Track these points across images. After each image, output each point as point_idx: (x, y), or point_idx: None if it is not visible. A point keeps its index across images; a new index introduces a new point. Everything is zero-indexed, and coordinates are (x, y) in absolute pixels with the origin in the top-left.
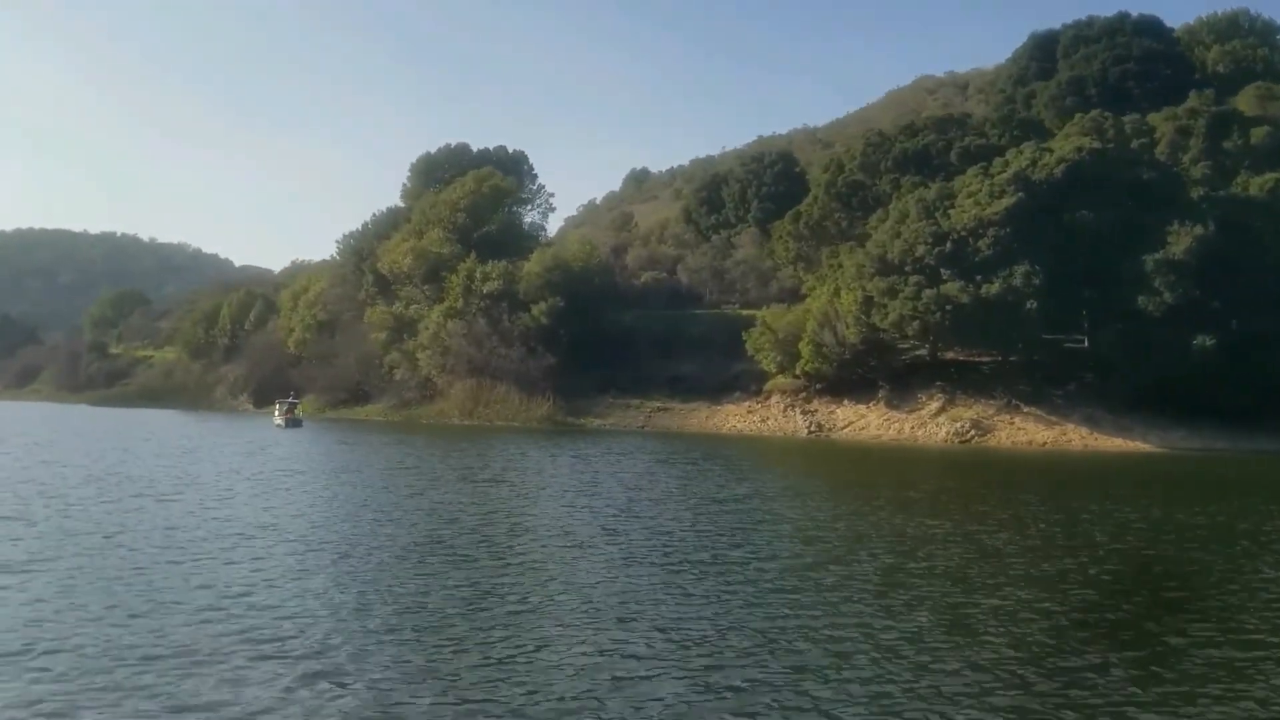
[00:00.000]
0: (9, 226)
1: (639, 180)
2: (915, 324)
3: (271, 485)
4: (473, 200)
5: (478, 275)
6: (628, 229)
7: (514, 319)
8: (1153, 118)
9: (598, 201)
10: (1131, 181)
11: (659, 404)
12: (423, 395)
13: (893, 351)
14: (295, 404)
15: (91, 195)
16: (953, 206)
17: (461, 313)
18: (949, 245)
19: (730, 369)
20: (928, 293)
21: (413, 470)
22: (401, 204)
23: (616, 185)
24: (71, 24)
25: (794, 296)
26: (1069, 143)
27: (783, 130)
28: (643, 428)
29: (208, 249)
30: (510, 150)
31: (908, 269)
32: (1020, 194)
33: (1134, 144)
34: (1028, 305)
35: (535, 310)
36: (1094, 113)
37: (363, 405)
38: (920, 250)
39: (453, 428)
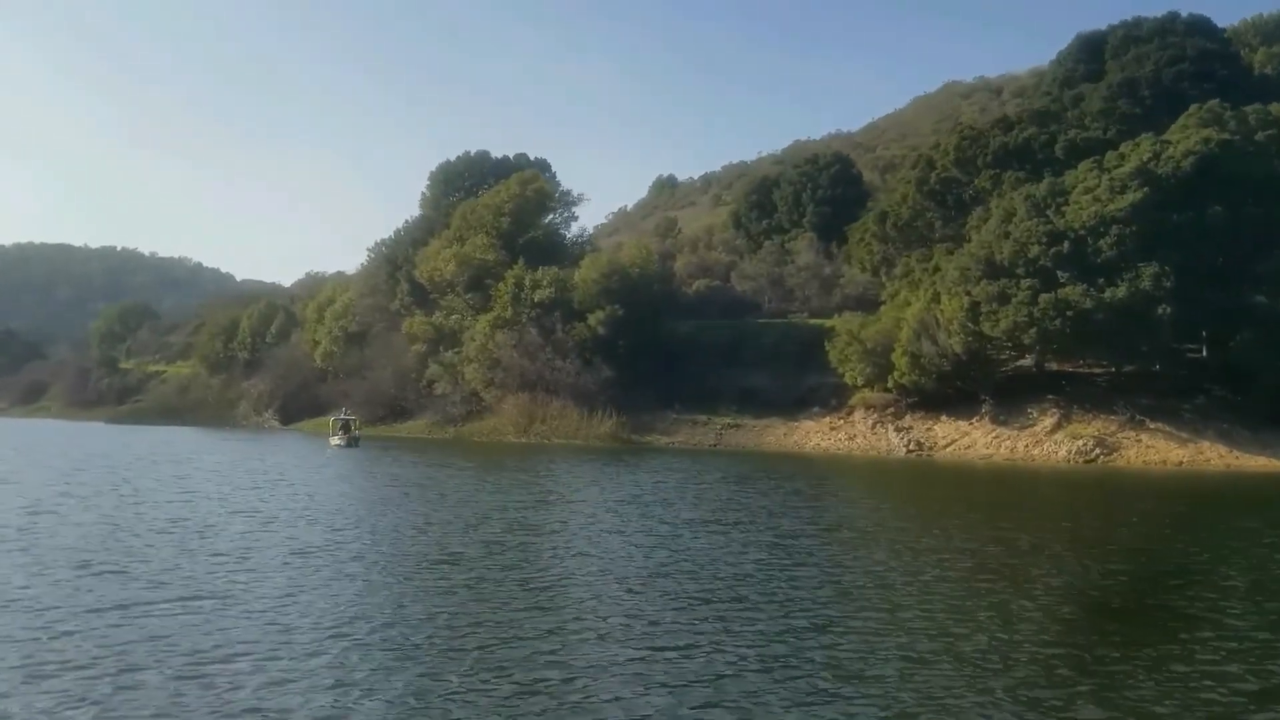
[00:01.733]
0: (8, 241)
1: (666, 187)
2: (1032, 331)
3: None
4: (517, 204)
5: (527, 283)
6: (672, 235)
7: (568, 329)
8: (1276, 108)
9: (629, 208)
10: (1264, 175)
11: (729, 420)
12: (468, 411)
13: (994, 362)
14: (352, 421)
15: (90, 209)
16: (1066, 204)
17: (510, 323)
18: (1066, 245)
19: (804, 382)
20: (1044, 297)
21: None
22: (420, 212)
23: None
24: (71, 37)
25: (862, 304)
26: (1192, 134)
27: (817, 135)
28: (714, 446)
29: (208, 263)
30: (532, 158)
31: (1019, 271)
32: (1145, 189)
33: (1259, 136)
34: (1159, 310)
35: (592, 319)
36: (1212, 103)
37: (402, 422)
38: (1034, 251)
39: (511, 447)
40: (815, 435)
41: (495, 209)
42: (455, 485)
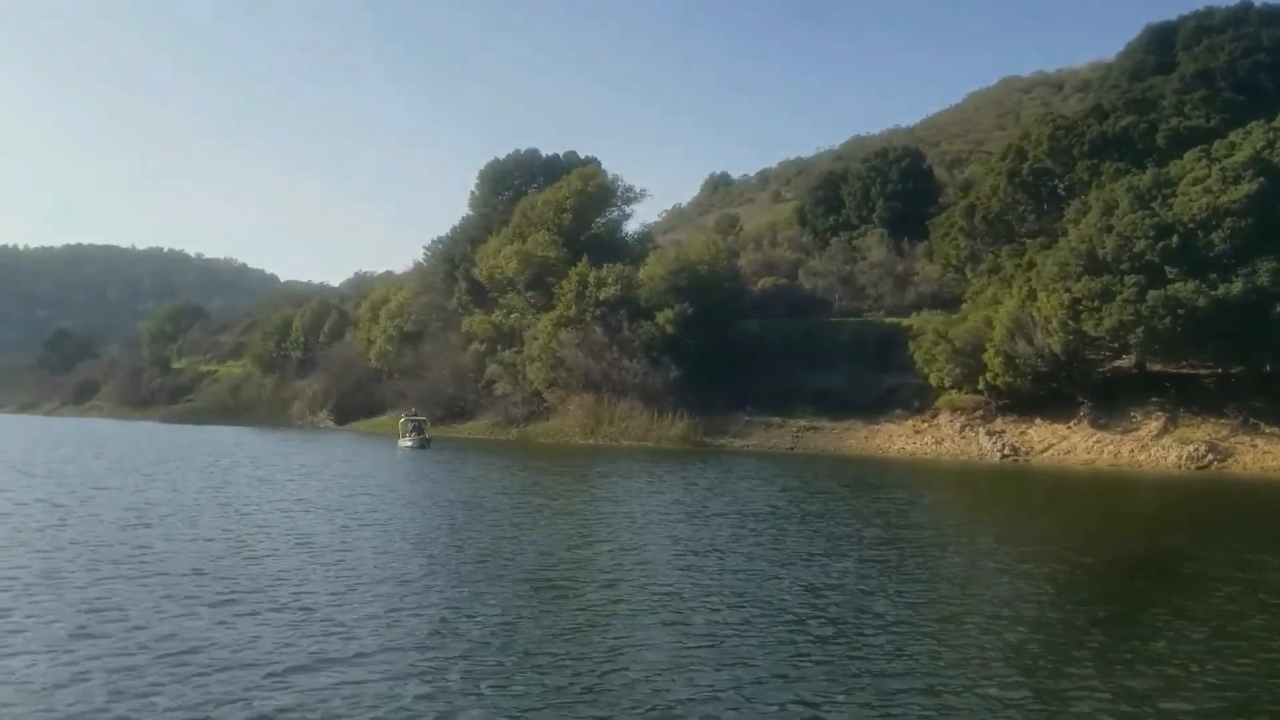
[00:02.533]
0: (58, 242)
1: (720, 185)
2: (1139, 330)
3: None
4: (578, 200)
5: (591, 280)
6: (734, 232)
7: (634, 327)
8: None
9: (684, 206)
10: None
11: (805, 422)
12: (530, 412)
13: (1092, 363)
14: (424, 423)
15: (137, 210)
16: (1174, 195)
17: (574, 321)
18: (1175, 239)
19: (883, 383)
20: (1153, 294)
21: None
22: (470, 212)
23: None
24: (129, 37)
25: (937, 302)
26: None
27: (871, 131)
28: (791, 449)
29: (253, 264)
30: (582, 156)
31: (1123, 267)
32: (1260, 179)
33: None
34: (1278, 308)
35: (660, 318)
36: None
37: (461, 422)
38: (1139, 245)
39: (580, 449)
40: (899, 439)
41: (556, 205)
42: (570, 492)
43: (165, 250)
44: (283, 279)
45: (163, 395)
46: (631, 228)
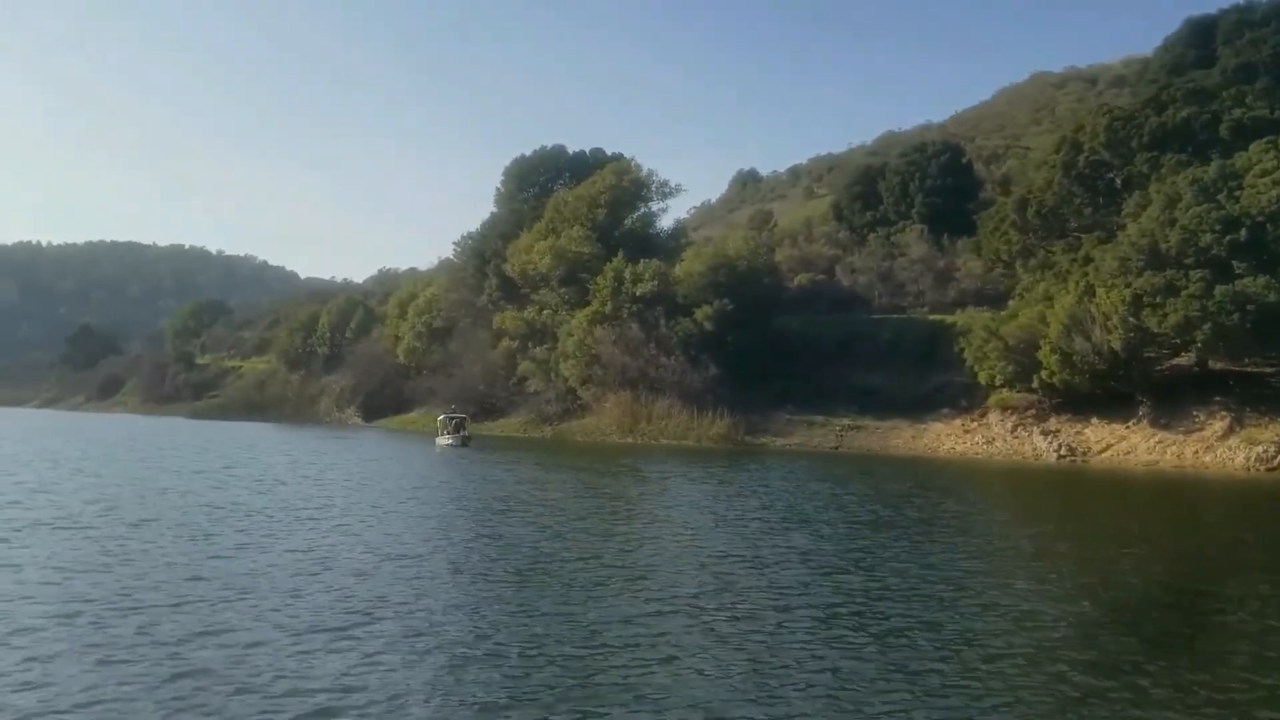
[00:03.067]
0: (80, 239)
1: (749, 181)
2: (1206, 327)
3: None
4: (612, 195)
5: (627, 276)
6: (768, 228)
7: (672, 324)
8: None
9: (713, 202)
10: None
11: (849, 421)
12: (564, 409)
13: (1150, 360)
14: (464, 420)
15: (160, 207)
16: (1240, 188)
17: (609, 318)
18: (1243, 233)
19: (928, 381)
20: (1220, 289)
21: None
22: (495, 209)
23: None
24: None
25: (980, 298)
26: None
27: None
28: (836, 449)
29: (273, 261)
30: (609, 152)
31: (1188, 261)
32: None
33: None
34: None
35: (699, 314)
36: None
37: (493, 420)
38: (1205, 239)
39: (620, 448)
40: (948, 438)
41: (590, 200)
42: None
43: (186, 247)
44: (303, 276)
45: (187, 391)
46: (663, 224)
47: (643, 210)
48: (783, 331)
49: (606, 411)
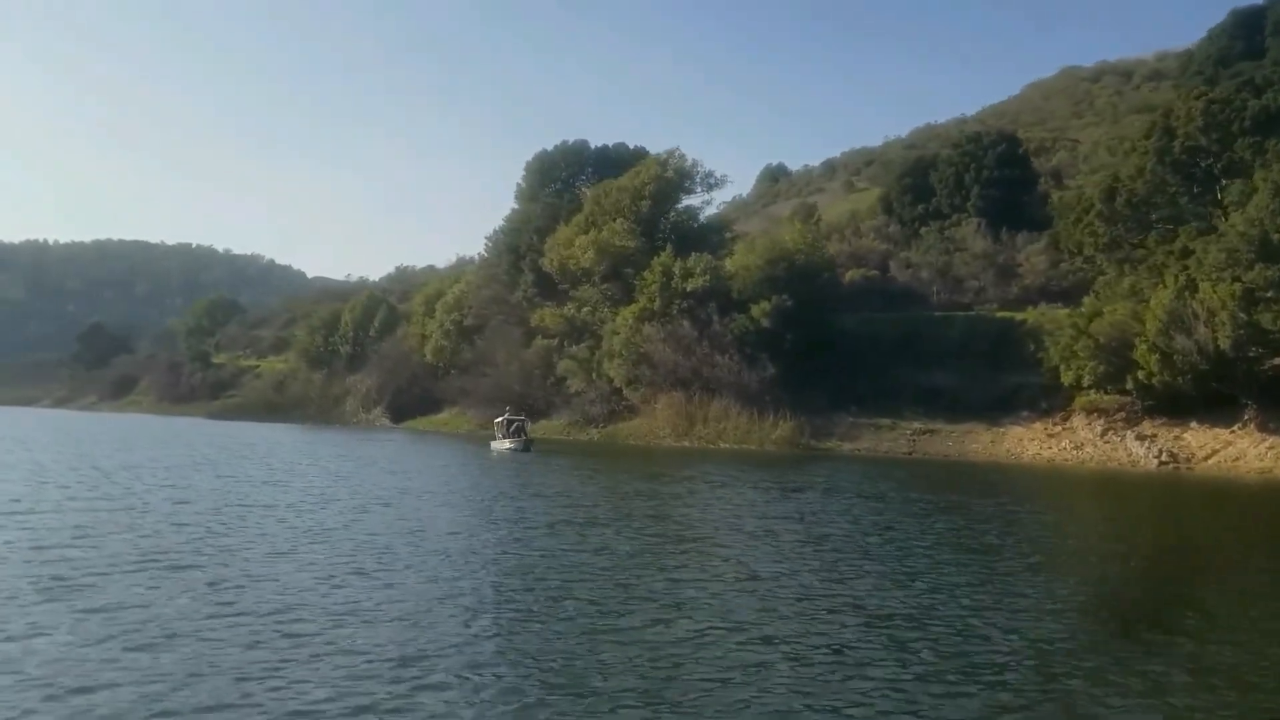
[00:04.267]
0: (88, 238)
1: (777, 176)
2: None
3: None
4: (657, 186)
5: (677, 271)
6: (812, 222)
7: (726, 321)
8: None
9: (744, 196)
10: None
11: (920, 424)
12: (610, 410)
13: (1254, 359)
14: (524, 423)
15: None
16: None
17: (658, 315)
18: None
19: (1000, 382)
20: None
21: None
22: (517, 204)
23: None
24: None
25: (1045, 294)
26: None
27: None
28: (909, 453)
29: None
30: (631, 147)
31: None
32: None
33: None
34: None
35: (755, 310)
36: None
37: (532, 421)
38: None
39: (678, 451)
40: (1030, 443)
41: (633, 192)
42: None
43: (194, 246)
44: (309, 275)
45: (203, 390)
46: (714, 214)
47: (685, 203)
48: (840, 329)
49: (657, 413)
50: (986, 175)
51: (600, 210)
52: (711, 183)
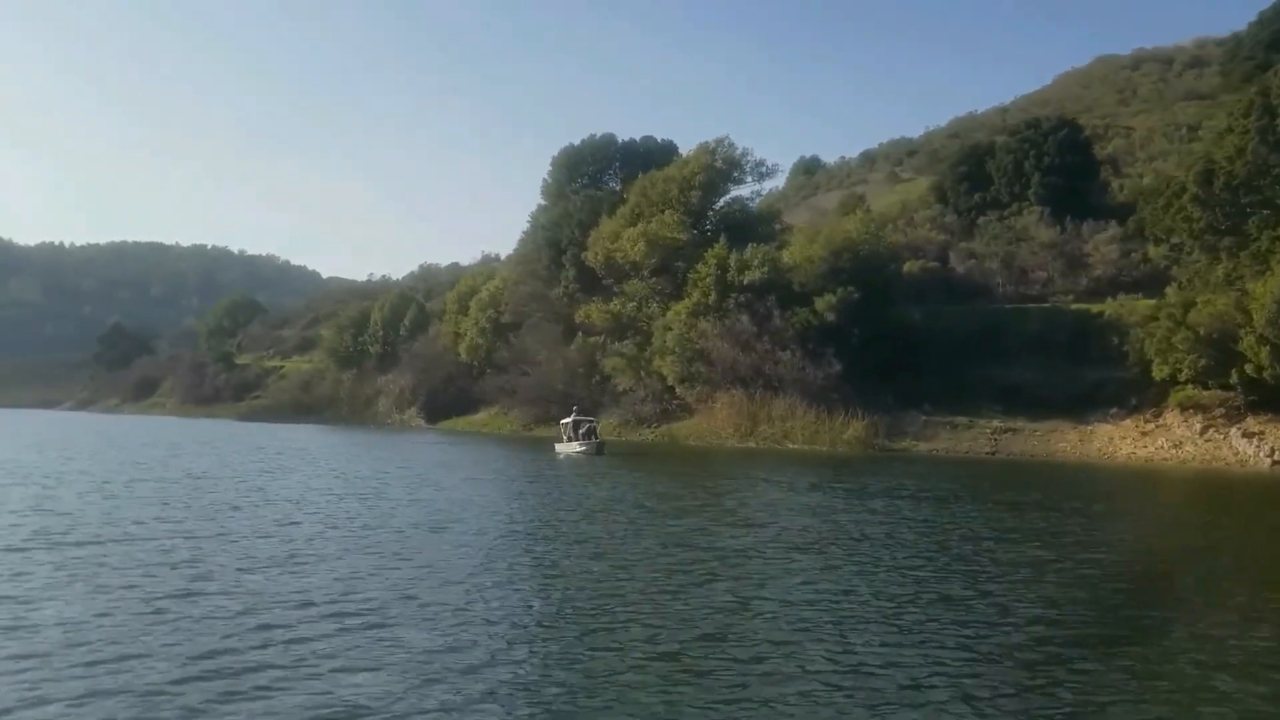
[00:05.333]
0: (103, 239)
1: (811, 168)
2: None
3: None
4: (707, 175)
5: (733, 263)
6: (862, 213)
7: (787, 316)
8: None
9: (780, 189)
10: None
11: (999, 423)
12: (662, 409)
13: None
14: (594, 425)
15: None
16: None
17: (713, 309)
18: None
19: (1082, 377)
20: None
21: None
22: (543, 200)
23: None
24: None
25: (1116, 285)
26: None
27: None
28: (992, 454)
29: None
30: (659, 140)
31: None
32: None
33: None
34: None
35: (820, 304)
36: None
37: None
38: None
39: (746, 453)
40: (1123, 442)
41: (682, 182)
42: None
43: (209, 247)
44: (324, 275)
45: (228, 392)
46: (754, 207)
47: (733, 193)
48: (904, 323)
49: (716, 412)
50: (1048, 162)
51: (647, 201)
52: (763, 172)
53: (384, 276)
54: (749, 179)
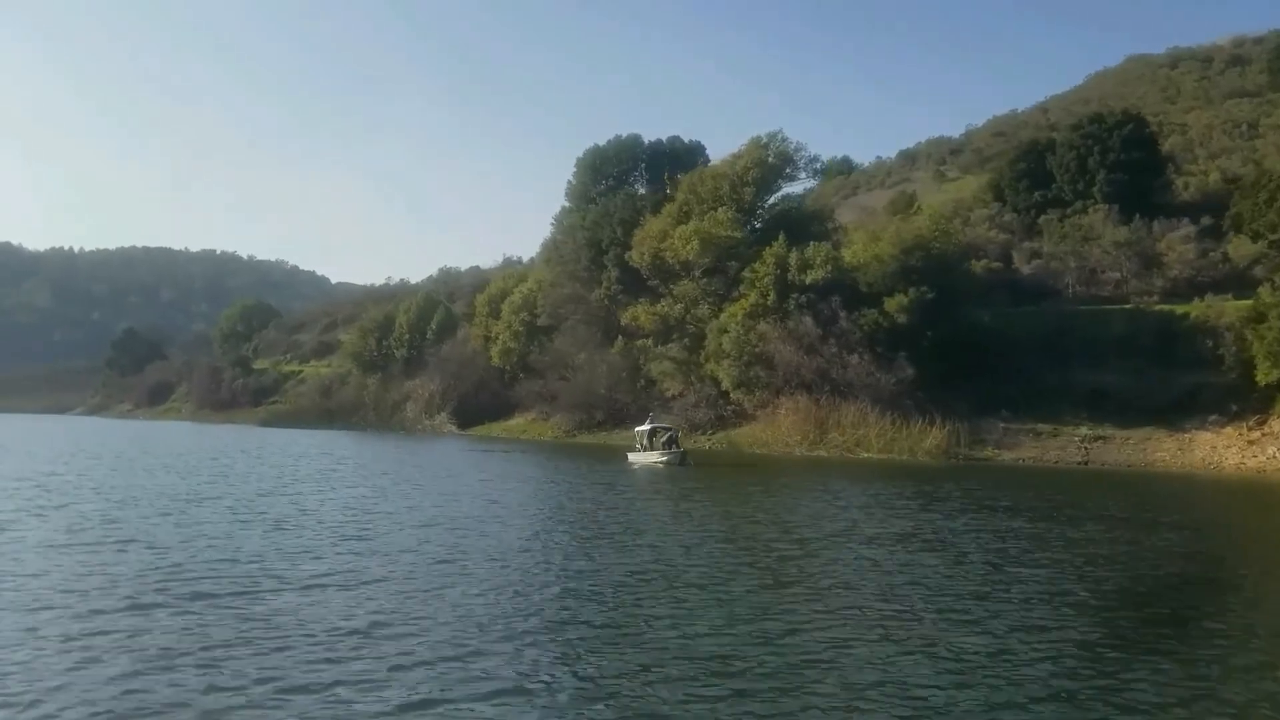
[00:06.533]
0: (113, 245)
1: (844, 169)
2: None
3: None
4: (760, 171)
5: (793, 262)
6: (912, 212)
7: (855, 317)
8: None
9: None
10: None
11: (1088, 430)
12: (717, 415)
13: None
14: (675, 433)
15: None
16: None
17: (772, 311)
18: None
19: (1174, 382)
20: None
21: None
22: (568, 203)
23: None
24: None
25: (1194, 286)
26: None
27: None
28: (1084, 463)
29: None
30: (686, 140)
31: None
32: None
33: None
34: None
35: (890, 304)
36: None
37: (624, 428)
38: None
39: (821, 463)
40: (1228, 451)
41: (734, 179)
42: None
43: (218, 252)
44: (333, 281)
45: (245, 397)
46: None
47: (785, 190)
48: (977, 325)
49: (780, 419)
50: (1113, 158)
51: (696, 199)
52: (817, 168)
53: (402, 280)
54: (802, 175)
